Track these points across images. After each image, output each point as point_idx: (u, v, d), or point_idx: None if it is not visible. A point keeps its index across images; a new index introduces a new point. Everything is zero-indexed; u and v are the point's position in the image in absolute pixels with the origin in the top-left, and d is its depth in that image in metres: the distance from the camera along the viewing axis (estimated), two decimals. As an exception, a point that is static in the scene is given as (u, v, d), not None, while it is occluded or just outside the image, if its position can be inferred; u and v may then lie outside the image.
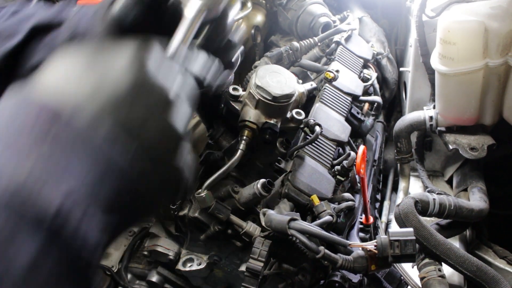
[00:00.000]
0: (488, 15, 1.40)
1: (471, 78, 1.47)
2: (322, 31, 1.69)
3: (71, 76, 0.56)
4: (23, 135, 0.49)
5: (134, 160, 0.54)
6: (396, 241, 1.01)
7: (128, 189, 0.54)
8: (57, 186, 0.47)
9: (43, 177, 0.47)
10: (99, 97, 0.54)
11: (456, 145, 1.60)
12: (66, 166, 0.49)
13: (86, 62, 0.57)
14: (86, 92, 0.54)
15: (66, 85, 0.55)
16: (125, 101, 0.55)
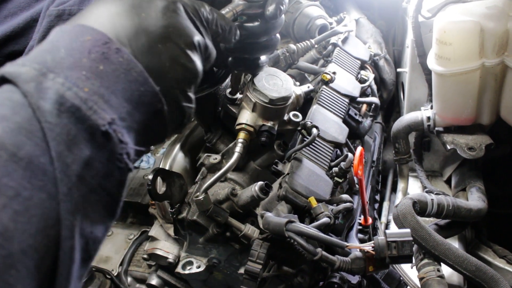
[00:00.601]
0: (484, 15, 1.40)
1: (467, 78, 1.47)
2: (318, 33, 1.69)
3: (116, 14, 0.66)
4: (84, 54, 0.58)
5: (158, 99, 0.64)
6: (393, 242, 1.01)
7: (151, 124, 0.64)
8: (110, 105, 0.57)
9: (101, 95, 0.57)
10: (138, 39, 0.65)
11: (454, 145, 1.60)
12: (118, 88, 0.59)
13: (130, 6, 0.67)
14: (129, 32, 0.65)
15: (113, 21, 0.65)
16: (157, 47, 0.66)
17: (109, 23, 0.64)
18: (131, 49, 0.64)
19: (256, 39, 1.07)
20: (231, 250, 1.37)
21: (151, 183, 1.26)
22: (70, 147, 0.53)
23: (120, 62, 0.60)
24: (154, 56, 0.65)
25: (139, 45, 0.65)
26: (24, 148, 0.50)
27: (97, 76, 0.57)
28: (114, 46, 0.60)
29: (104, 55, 0.59)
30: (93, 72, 0.57)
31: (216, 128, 1.46)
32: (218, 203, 1.28)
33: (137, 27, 0.65)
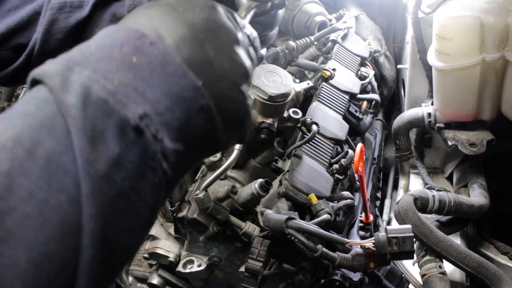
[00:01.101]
0: (484, 10, 1.39)
1: (468, 73, 1.46)
2: (318, 30, 1.69)
3: (155, 13, 0.62)
4: (119, 47, 0.55)
5: (200, 94, 0.57)
6: (394, 238, 1.01)
7: (195, 121, 0.57)
8: (144, 98, 0.53)
9: (133, 87, 0.52)
10: (178, 29, 0.60)
11: (455, 141, 1.59)
12: (153, 81, 0.54)
13: (169, 6, 0.64)
14: (168, 25, 0.61)
15: (152, 19, 0.61)
16: (199, 36, 0.61)
17: (146, 20, 0.61)
18: (171, 40, 0.59)
19: (260, 34, 1.06)
20: (232, 248, 1.37)
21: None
22: (95, 143, 0.48)
23: (156, 55, 0.56)
24: (196, 47, 0.60)
25: (180, 36, 0.60)
26: (43, 145, 0.46)
27: (130, 68, 0.54)
28: (149, 39, 0.57)
29: (137, 48, 0.55)
30: (125, 64, 0.54)
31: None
32: (218, 201, 1.28)
33: (176, 20, 0.62)
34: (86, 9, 1.04)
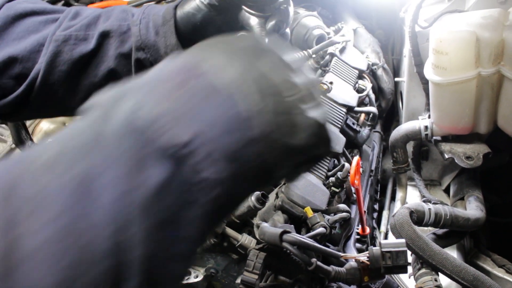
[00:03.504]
0: (480, 25, 1.41)
1: (464, 87, 1.48)
2: (316, 43, 1.70)
3: (208, 49, 0.61)
4: (166, 80, 0.55)
5: (259, 116, 0.54)
6: (388, 253, 1.01)
7: (253, 147, 0.54)
8: (187, 127, 0.50)
9: (176, 117, 0.50)
10: (232, 59, 0.58)
11: (452, 154, 1.60)
12: (198, 112, 0.52)
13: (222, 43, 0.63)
14: (221, 57, 0.58)
15: (204, 52, 0.60)
16: (252, 62, 0.58)
17: (201, 53, 0.60)
18: (223, 71, 0.56)
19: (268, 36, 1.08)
20: (229, 260, 1.37)
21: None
22: (135, 171, 0.46)
23: (203, 86, 0.54)
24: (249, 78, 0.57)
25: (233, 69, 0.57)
26: (77, 167, 0.46)
27: (176, 98, 0.52)
28: (199, 71, 0.55)
29: (186, 80, 0.54)
30: (172, 94, 0.53)
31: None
32: (215, 213, 1.29)
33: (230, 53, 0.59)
34: (92, 43, 1.05)
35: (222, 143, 0.51)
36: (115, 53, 1.05)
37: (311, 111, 0.58)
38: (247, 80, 0.56)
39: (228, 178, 0.52)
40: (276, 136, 0.55)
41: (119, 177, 0.45)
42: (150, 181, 0.46)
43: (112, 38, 1.05)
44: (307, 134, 0.57)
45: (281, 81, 0.57)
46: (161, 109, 0.50)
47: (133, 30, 1.05)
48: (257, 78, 0.56)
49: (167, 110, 0.51)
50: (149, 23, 1.05)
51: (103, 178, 0.45)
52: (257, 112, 0.54)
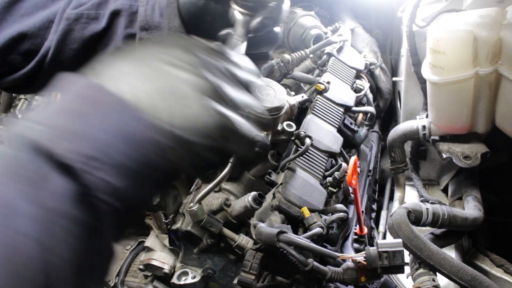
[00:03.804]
0: (477, 24, 1.40)
1: (462, 86, 1.47)
2: (313, 43, 1.70)
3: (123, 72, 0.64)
4: (71, 97, 0.58)
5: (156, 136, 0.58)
6: (385, 253, 1.01)
7: (150, 161, 0.58)
8: (84, 146, 0.54)
9: (74, 134, 0.54)
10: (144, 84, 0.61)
11: (450, 154, 1.60)
12: (92, 134, 0.55)
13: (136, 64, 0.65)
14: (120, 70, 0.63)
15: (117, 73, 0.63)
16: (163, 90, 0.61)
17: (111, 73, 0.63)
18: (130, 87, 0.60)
19: (260, 32, 1.06)
20: (226, 260, 1.37)
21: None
22: (36, 182, 0.51)
23: (106, 100, 0.58)
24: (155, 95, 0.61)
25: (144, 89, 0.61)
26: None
27: (80, 115, 0.56)
28: (103, 87, 0.59)
29: (89, 95, 0.58)
30: (74, 112, 0.57)
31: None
32: (212, 213, 1.29)
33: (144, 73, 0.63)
34: (103, 22, 1.06)
35: (127, 152, 0.56)
36: (124, 32, 1.06)
37: (218, 107, 0.62)
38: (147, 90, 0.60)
39: (132, 182, 0.56)
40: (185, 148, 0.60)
41: (25, 189, 0.49)
42: (51, 187, 0.50)
43: (122, 17, 1.06)
44: (206, 129, 0.61)
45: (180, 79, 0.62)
46: (60, 124, 0.55)
47: (140, 10, 1.05)
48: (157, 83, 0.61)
49: (65, 125, 0.55)
50: (155, 4, 1.05)
51: (13, 193, 0.49)
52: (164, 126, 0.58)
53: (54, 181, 0.51)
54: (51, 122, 0.55)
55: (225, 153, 0.68)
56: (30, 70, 1.08)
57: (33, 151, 0.52)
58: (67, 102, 0.58)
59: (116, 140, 0.55)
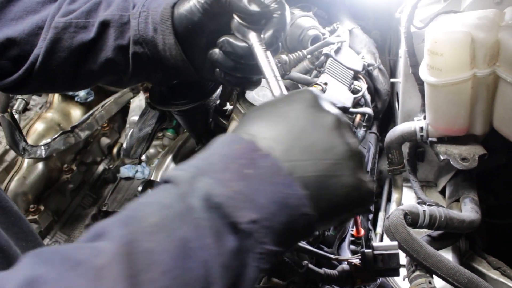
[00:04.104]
0: (475, 26, 1.40)
1: (459, 88, 1.47)
2: (311, 43, 1.69)
3: (267, 123, 0.72)
4: (233, 160, 0.65)
5: (303, 203, 0.65)
6: (380, 255, 1.01)
7: (296, 225, 0.65)
8: (252, 207, 0.62)
9: (243, 198, 0.62)
10: (286, 139, 0.69)
11: (447, 156, 1.59)
12: (254, 198, 0.63)
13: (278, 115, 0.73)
14: (278, 135, 0.69)
15: (263, 129, 0.71)
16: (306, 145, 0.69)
17: (259, 130, 0.70)
18: (281, 151, 0.67)
19: (245, 61, 1.07)
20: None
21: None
22: (217, 238, 0.59)
23: (266, 167, 0.65)
24: (303, 155, 0.68)
25: (288, 146, 0.68)
26: (178, 232, 0.58)
27: (243, 178, 0.63)
28: (261, 152, 0.66)
29: (251, 161, 0.65)
30: (239, 175, 0.64)
31: (207, 139, 1.46)
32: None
33: (286, 129, 0.70)
34: (92, 31, 1.05)
35: (281, 217, 0.63)
36: (114, 44, 1.05)
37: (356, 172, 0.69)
38: (303, 158, 0.67)
39: (282, 247, 0.65)
40: (323, 205, 0.67)
41: (208, 243, 0.59)
42: (228, 246, 0.59)
43: (112, 28, 1.05)
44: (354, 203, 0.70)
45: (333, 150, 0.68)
46: (233, 188, 0.62)
47: (132, 23, 1.04)
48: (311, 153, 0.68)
49: (238, 189, 0.62)
50: (148, 17, 1.04)
51: (196, 242, 0.58)
52: (311, 193, 0.65)
53: (228, 240, 0.60)
54: (219, 177, 0.63)
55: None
56: (20, 77, 1.08)
57: (206, 204, 0.61)
58: (229, 159, 0.66)
59: (274, 207, 0.63)
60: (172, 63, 1.07)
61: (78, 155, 2.19)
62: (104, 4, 1.08)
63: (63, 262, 0.55)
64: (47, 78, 1.10)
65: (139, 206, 0.64)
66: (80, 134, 2.03)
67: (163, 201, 0.63)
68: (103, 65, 1.08)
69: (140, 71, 1.11)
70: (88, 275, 0.53)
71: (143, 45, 1.04)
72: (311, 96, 0.74)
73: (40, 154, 1.89)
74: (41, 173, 2.00)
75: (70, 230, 2.03)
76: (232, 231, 0.60)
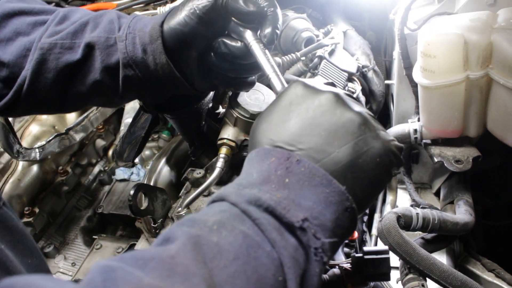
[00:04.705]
0: (468, 28, 1.39)
1: (453, 90, 1.46)
2: (305, 45, 1.69)
3: (286, 132, 0.76)
4: (272, 173, 0.70)
5: (345, 197, 0.70)
6: (370, 260, 1.00)
7: (341, 221, 0.70)
8: (301, 207, 0.67)
9: (291, 200, 0.67)
10: (313, 139, 0.74)
11: (441, 158, 1.59)
12: (305, 194, 0.68)
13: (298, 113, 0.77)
14: (302, 136, 0.74)
15: (286, 137, 0.75)
16: (332, 141, 0.73)
17: (284, 135, 0.75)
18: (311, 152, 0.73)
19: (240, 60, 1.08)
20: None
21: (132, 198, 1.26)
22: (279, 234, 0.64)
23: (302, 172, 0.69)
24: (332, 150, 0.73)
25: (317, 146, 0.73)
26: (238, 228, 0.64)
27: (285, 187, 0.68)
28: (295, 159, 0.70)
29: (288, 169, 0.69)
30: (281, 185, 0.68)
31: (200, 142, 1.45)
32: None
33: (308, 128, 0.75)
34: (78, 53, 1.04)
35: (327, 215, 0.68)
36: (101, 66, 1.05)
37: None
38: (330, 151, 0.72)
39: (335, 240, 0.70)
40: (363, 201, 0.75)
41: (272, 238, 0.63)
42: (290, 242, 0.64)
43: (98, 50, 1.04)
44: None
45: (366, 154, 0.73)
46: (277, 197, 0.67)
47: (119, 46, 1.03)
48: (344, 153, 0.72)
49: (283, 195, 0.67)
50: (135, 39, 1.03)
51: (259, 237, 0.63)
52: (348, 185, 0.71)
53: (288, 237, 0.65)
54: (263, 188, 0.68)
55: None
56: (9, 100, 1.08)
57: (259, 209, 0.66)
58: (267, 173, 0.70)
59: (319, 207, 0.68)
60: (165, 82, 1.07)
61: (73, 157, 2.18)
62: (91, 25, 1.07)
63: (135, 260, 0.58)
64: (35, 100, 1.09)
65: (197, 215, 0.68)
66: (75, 136, 2.03)
67: (218, 209, 0.68)
68: (91, 87, 1.07)
69: (132, 92, 1.11)
70: (162, 264, 0.57)
71: (133, 67, 1.04)
72: (300, 87, 0.79)
73: (35, 156, 1.89)
74: (36, 175, 1.99)
75: (65, 232, 2.03)
76: (289, 230, 0.65)
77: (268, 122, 0.79)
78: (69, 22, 1.09)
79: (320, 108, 0.75)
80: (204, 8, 0.99)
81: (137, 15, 1.11)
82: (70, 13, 1.13)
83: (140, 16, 1.11)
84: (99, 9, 2.08)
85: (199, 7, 1.00)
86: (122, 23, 1.07)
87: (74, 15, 1.12)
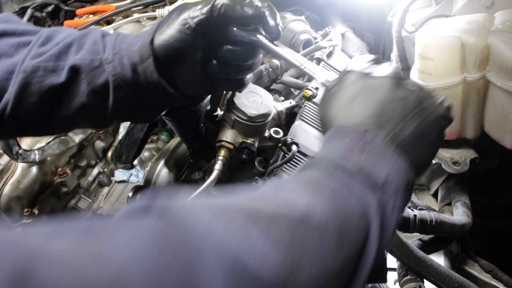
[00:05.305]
0: (465, 30, 1.40)
1: (450, 92, 1.47)
2: (303, 48, 1.70)
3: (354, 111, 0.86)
4: (349, 151, 0.78)
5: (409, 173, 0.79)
6: (367, 262, 1.01)
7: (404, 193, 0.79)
8: (381, 171, 0.75)
9: (371, 165, 0.76)
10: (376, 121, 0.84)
11: (439, 160, 1.60)
12: (377, 169, 0.76)
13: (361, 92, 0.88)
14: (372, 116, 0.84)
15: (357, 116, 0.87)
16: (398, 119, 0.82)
17: (354, 116, 0.84)
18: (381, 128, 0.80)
19: (244, 62, 1.08)
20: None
21: (130, 200, 1.27)
22: (364, 190, 0.71)
23: (375, 149, 0.77)
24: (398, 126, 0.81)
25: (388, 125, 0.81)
26: (330, 183, 0.72)
27: (362, 162, 0.75)
28: (369, 136, 0.78)
29: (363, 147, 0.77)
30: (359, 160, 0.76)
31: (198, 144, 1.46)
32: (198, 220, 1.28)
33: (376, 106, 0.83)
34: (62, 76, 1.00)
35: (399, 183, 0.76)
36: (87, 89, 1.01)
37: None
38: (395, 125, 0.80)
39: (405, 201, 0.78)
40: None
41: (356, 191, 0.71)
42: (374, 197, 0.71)
43: (83, 73, 1.01)
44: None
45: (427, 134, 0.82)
46: (358, 166, 0.74)
47: (106, 68, 1.00)
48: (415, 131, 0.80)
49: (363, 167, 0.74)
50: (123, 59, 1.00)
51: (346, 191, 0.71)
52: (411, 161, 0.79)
53: (372, 196, 0.71)
54: (345, 159, 0.76)
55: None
56: None
57: (344, 171, 0.73)
58: (345, 151, 0.77)
59: (393, 177, 0.75)
60: (158, 99, 1.06)
61: (73, 158, 2.19)
62: (75, 46, 1.04)
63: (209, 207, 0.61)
64: (19, 124, 1.06)
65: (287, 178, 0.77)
66: (74, 138, 2.04)
67: (308, 174, 0.75)
68: (78, 110, 1.04)
69: (125, 112, 1.09)
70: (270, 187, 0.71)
71: (124, 88, 1.01)
72: (356, 73, 0.90)
73: (34, 158, 1.89)
74: (35, 177, 2.00)
75: (64, 234, 2.03)
76: (372, 190, 0.72)
77: (338, 107, 0.87)
78: (53, 43, 1.06)
79: (381, 89, 0.84)
80: (200, 21, 0.97)
81: (119, 33, 1.08)
82: (53, 33, 1.09)
83: (123, 34, 1.08)
84: (98, 10, 2.09)
85: (194, 21, 0.97)
86: (106, 42, 1.04)
87: (58, 36, 1.08)
